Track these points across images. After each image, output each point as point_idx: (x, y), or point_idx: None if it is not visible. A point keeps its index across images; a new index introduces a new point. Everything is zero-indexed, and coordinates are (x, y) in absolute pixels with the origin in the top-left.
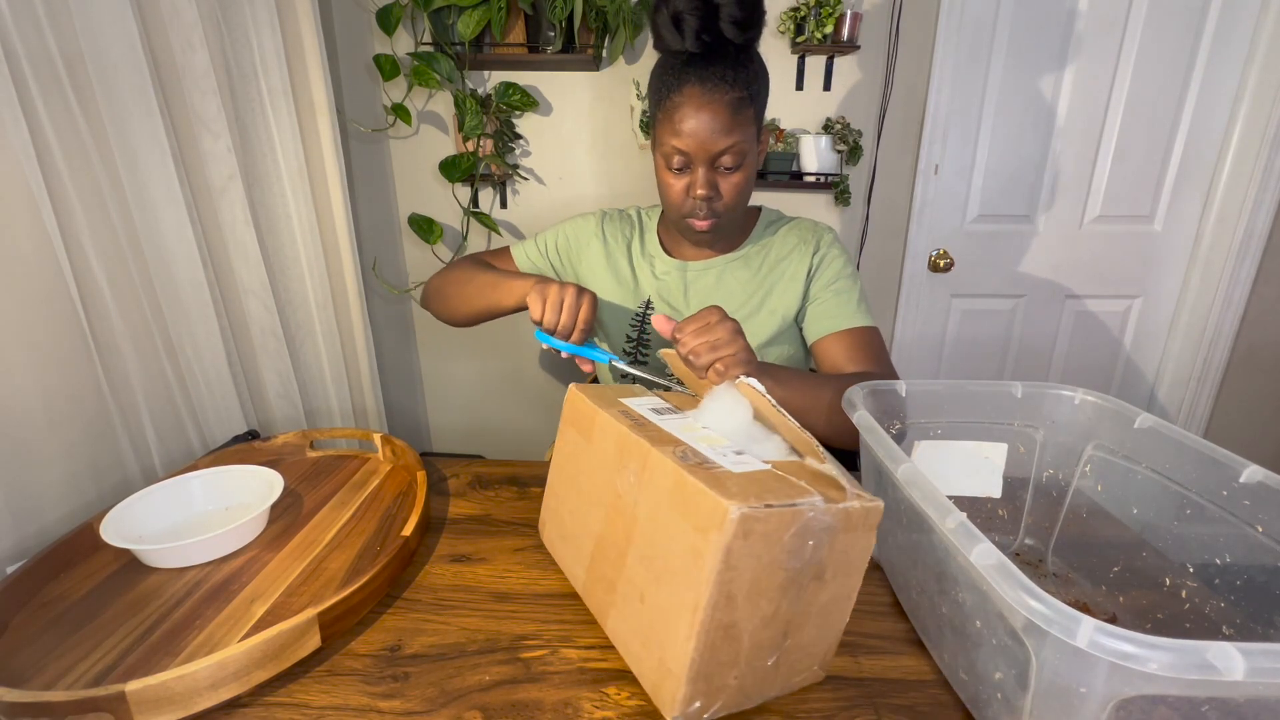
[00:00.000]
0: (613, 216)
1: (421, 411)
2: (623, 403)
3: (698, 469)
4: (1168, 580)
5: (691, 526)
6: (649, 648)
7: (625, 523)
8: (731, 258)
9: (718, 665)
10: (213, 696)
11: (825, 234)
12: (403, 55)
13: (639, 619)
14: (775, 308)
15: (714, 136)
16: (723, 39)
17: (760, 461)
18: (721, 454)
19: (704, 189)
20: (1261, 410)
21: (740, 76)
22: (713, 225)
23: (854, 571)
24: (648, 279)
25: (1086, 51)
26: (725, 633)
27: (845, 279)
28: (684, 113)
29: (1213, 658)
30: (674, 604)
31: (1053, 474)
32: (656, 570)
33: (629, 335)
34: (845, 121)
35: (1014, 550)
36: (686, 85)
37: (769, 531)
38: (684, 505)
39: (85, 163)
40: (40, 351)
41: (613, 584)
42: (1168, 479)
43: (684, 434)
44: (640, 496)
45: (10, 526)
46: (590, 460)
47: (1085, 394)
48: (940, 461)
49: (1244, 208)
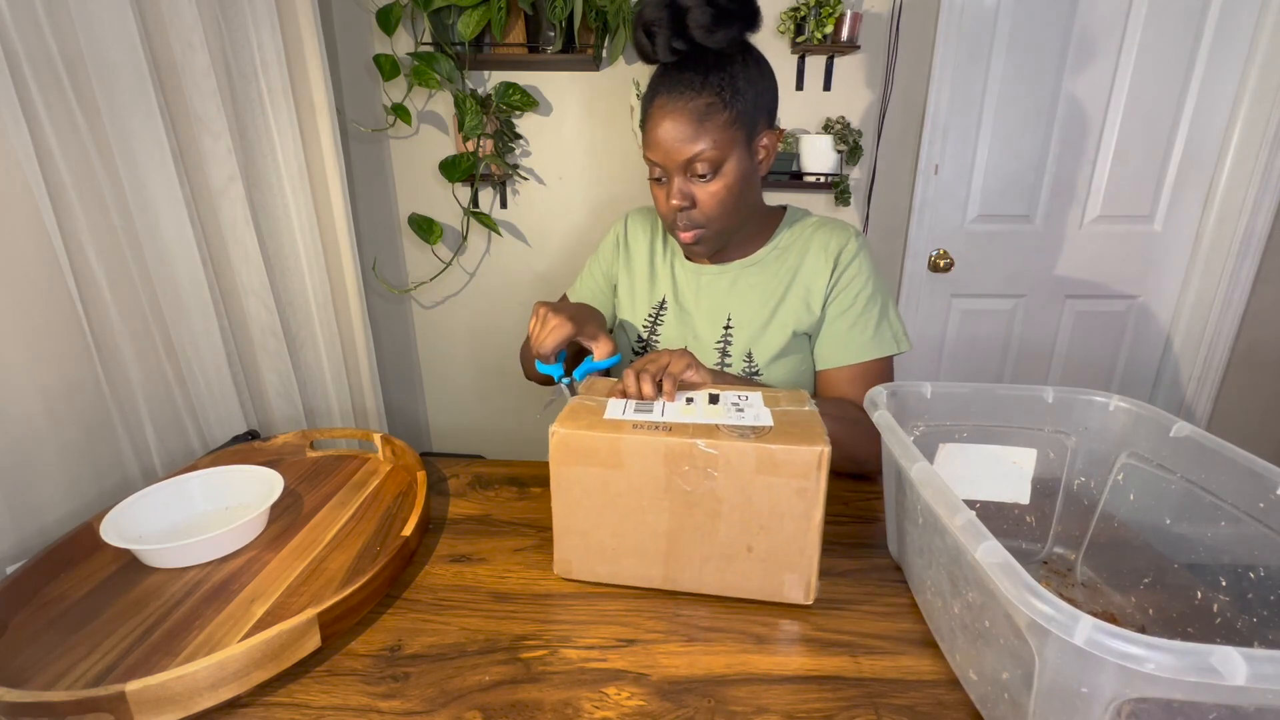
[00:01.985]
0: (635, 216)
1: (421, 411)
2: (616, 420)
3: (763, 436)
4: (1199, 593)
5: (790, 476)
6: (769, 577)
7: (706, 506)
8: (747, 263)
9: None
10: (213, 696)
11: (848, 246)
12: (403, 55)
13: (749, 565)
14: (787, 321)
15: (678, 145)
16: (697, 45)
17: (754, 411)
18: (743, 417)
19: (677, 199)
20: (1261, 410)
21: (712, 81)
22: (697, 237)
23: None
24: (666, 279)
25: (1086, 51)
26: (821, 532)
27: (860, 304)
28: (653, 123)
29: (1215, 661)
30: (791, 533)
31: (1084, 481)
32: (760, 523)
33: (640, 335)
34: (845, 121)
35: (1042, 558)
36: (657, 96)
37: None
38: (777, 467)
39: (85, 163)
40: (40, 352)
41: (706, 558)
42: (1203, 489)
43: (689, 416)
44: (718, 481)
45: (10, 526)
46: (628, 482)
47: (1119, 400)
48: (966, 465)
49: (1244, 208)
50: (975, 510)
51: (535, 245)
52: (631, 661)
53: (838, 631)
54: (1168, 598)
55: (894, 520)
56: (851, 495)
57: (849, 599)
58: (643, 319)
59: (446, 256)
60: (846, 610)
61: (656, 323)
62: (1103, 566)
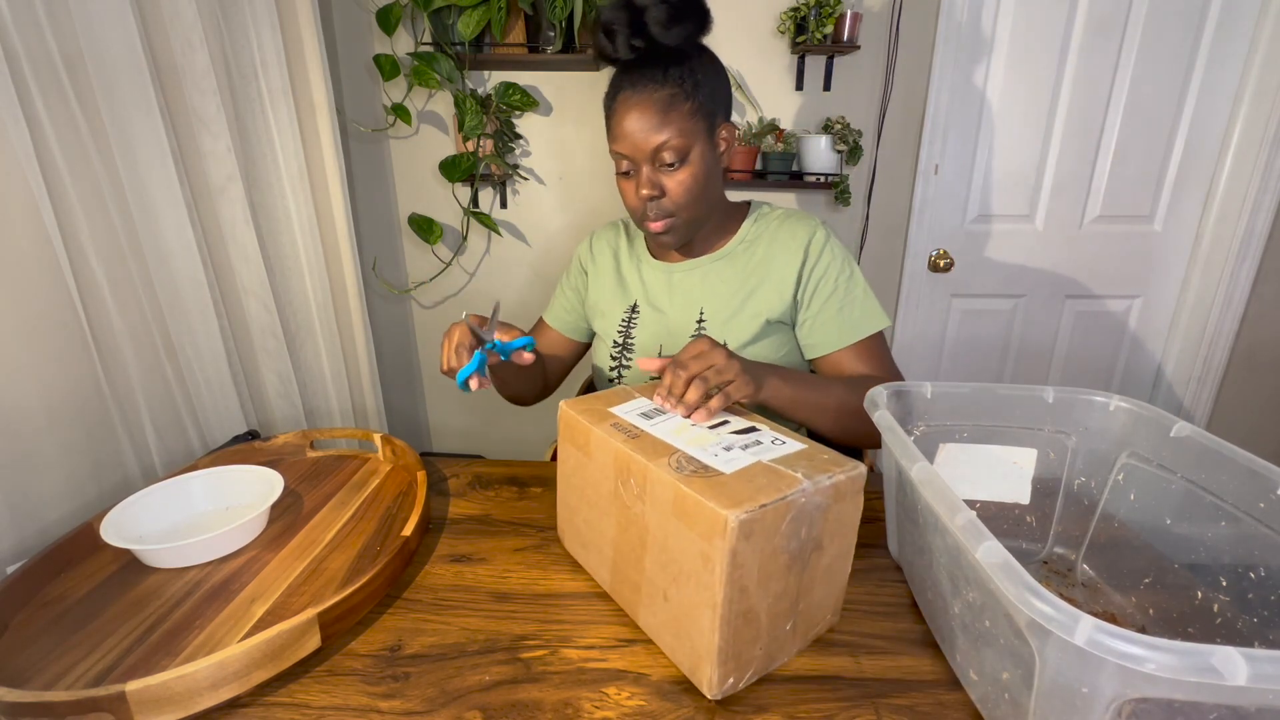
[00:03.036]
0: (598, 234)
1: (421, 411)
2: (613, 413)
3: (694, 478)
4: (1200, 593)
5: (698, 534)
6: (680, 639)
7: (637, 530)
8: (715, 257)
9: (742, 644)
10: (213, 696)
11: (816, 235)
12: (403, 55)
13: (666, 614)
14: (759, 310)
15: (645, 134)
16: (656, 44)
17: (747, 454)
18: (713, 454)
19: (646, 188)
20: (1261, 410)
21: (672, 75)
22: (668, 226)
23: (849, 531)
24: (635, 283)
25: (1086, 51)
26: (744, 618)
27: (843, 287)
28: (618, 117)
29: (1216, 661)
30: (695, 601)
31: (1084, 481)
32: (673, 573)
33: (615, 340)
34: (845, 121)
35: (1042, 558)
36: (620, 91)
37: (767, 527)
38: (687, 516)
39: (85, 163)
40: (40, 352)
41: (637, 585)
42: (1203, 489)
43: (676, 437)
44: (646, 508)
45: (10, 526)
46: (593, 474)
47: (1120, 400)
48: (967, 465)
49: (1244, 208)
50: (975, 510)
51: (535, 245)
52: (631, 661)
53: (838, 631)
54: (1168, 598)
55: (894, 520)
56: None
57: (849, 599)
58: (616, 324)
59: (446, 256)
60: (846, 610)
61: (630, 325)
62: (1103, 566)
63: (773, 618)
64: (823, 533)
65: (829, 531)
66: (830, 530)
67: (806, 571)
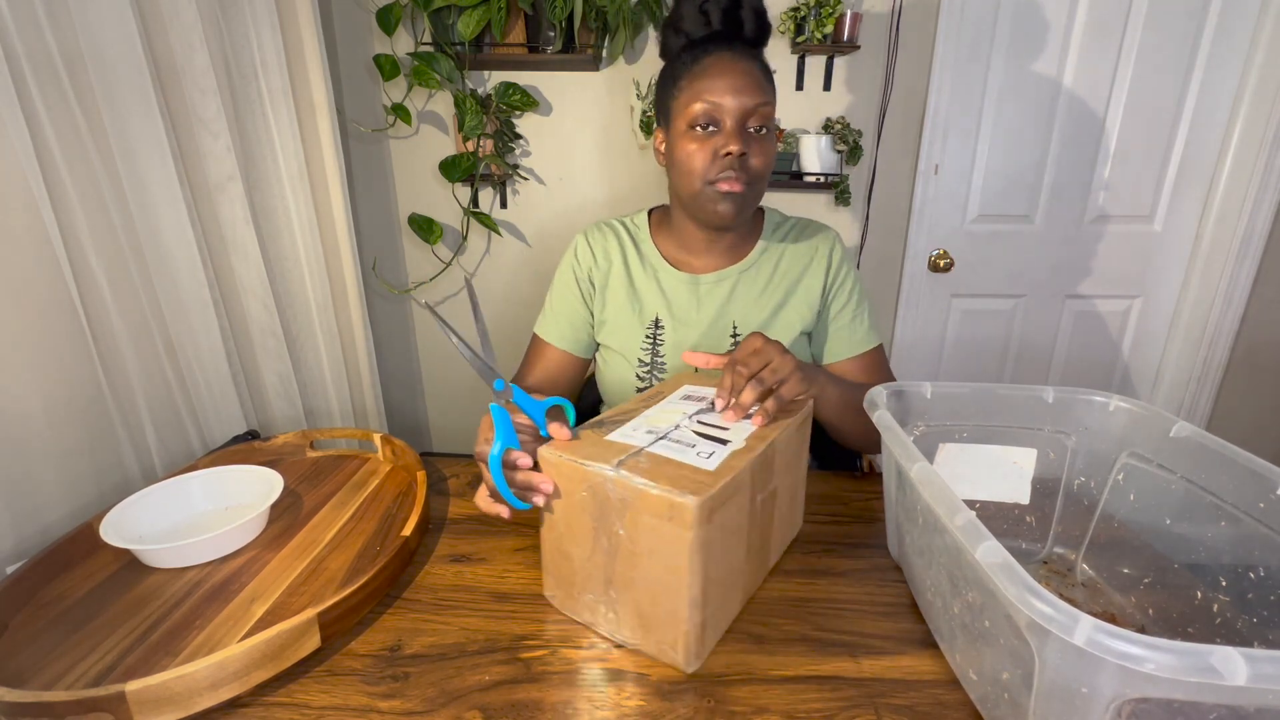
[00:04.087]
0: (593, 238)
1: (421, 411)
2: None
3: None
4: (1199, 593)
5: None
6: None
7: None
8: (742, 267)
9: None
10: (213, 696)
11: (835, 247)
12: (403, 55)
13: None
14: (791, 320)
15: (747, 91)
16: (742, 25)
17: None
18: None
19: (736, 144)
20: (1261, 410)
21: (760, 57)
22: (744, 189)
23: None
24: (653, 295)
25: (1086, 51)
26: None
27: (856, 298)
28: (713, 74)
29: (1215, 661)
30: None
31: (1084, 481)
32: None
33: (641, 359)
34: (845, 121)
35: (1042, 558)
36: (711, 55)
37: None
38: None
39: (85, 163)
40: (40, 352)
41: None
42: (1203, 489)
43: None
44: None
45: (10, 526)
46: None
47: (1120, 400)
48: (967, 465)
49: (1244, 208)
50: (975, 510)
51: (535, 245)
52: (631, 661)
53: (838, 631)
54: (1168, 598)
55: (894, 520)
56: (851, 495)
57: (849, 599)
58: (640, 342)
59: (446, 256)
60: (846, 610)
61: (656, 343)
62: (1103, 566)
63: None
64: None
65: (781, 474)
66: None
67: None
